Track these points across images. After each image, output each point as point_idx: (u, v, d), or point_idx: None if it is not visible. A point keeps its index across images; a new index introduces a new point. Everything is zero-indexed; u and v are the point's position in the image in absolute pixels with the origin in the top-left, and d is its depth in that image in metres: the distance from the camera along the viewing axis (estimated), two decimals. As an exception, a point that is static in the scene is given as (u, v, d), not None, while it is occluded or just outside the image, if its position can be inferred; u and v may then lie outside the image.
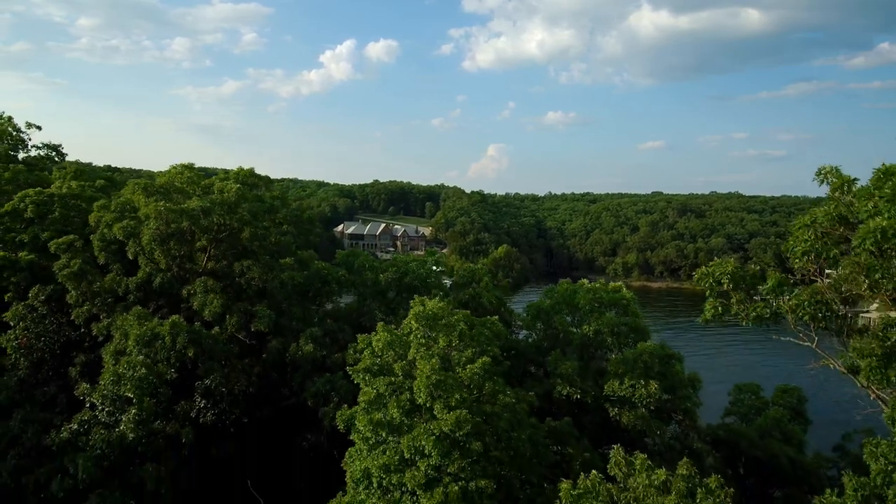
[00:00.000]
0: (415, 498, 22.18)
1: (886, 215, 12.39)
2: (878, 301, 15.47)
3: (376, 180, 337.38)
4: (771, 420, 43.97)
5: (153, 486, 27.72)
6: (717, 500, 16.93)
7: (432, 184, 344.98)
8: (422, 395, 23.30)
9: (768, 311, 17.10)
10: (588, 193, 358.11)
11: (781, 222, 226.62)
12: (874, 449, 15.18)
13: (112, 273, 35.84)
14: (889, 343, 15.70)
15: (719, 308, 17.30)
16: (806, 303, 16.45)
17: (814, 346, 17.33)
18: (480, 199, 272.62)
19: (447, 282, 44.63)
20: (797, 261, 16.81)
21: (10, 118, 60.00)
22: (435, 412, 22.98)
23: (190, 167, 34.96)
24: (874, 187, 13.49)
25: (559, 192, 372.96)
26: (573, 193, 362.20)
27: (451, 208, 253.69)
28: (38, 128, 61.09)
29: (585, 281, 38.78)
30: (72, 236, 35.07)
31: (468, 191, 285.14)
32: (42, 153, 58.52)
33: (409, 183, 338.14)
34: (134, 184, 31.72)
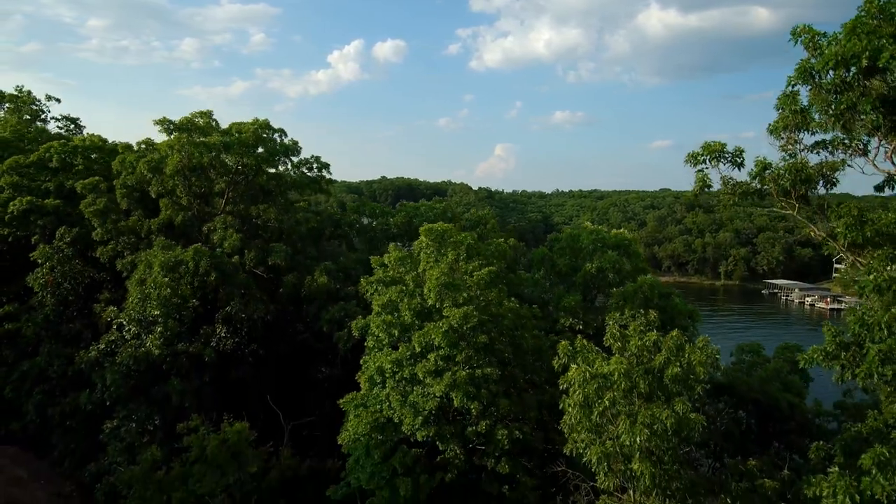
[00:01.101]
0: (425, 387, 23.62)
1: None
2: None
3: (383, 176, 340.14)
4: (771, 371, 44.96)
5: (178, 399, 29.27)
6: (706, 353, 18.30)
7: (439, 180, 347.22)
8: (431, 296, 24.77)
9: (754, 185, 18.47)
10: (595, 190, 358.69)
11: (789, 217, 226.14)
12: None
13: (135, 216, 37.54)
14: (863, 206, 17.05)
15: (707, 180, 18.68)
16: (786, 172, 17.83)
17: (794, 212, 18.68)
18: (487, 195, 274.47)
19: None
20: (779, 137, 18.19)
21: (29, 91, 62.08)
22: (444, 312, 24.40)
23: (208, 113, 36.60)
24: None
25: (566, 190, 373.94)
26: (580, 190, 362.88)
27: (458, 204, 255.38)
28: (58, 100, 63.18)
29: (588, 224, 40.07)
30: (97, 178, 36.79)
31: (475, 188, 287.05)
32: (61, 125, 60.45)
33: (416, 179, 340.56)
34: (154, 121, 33.46)
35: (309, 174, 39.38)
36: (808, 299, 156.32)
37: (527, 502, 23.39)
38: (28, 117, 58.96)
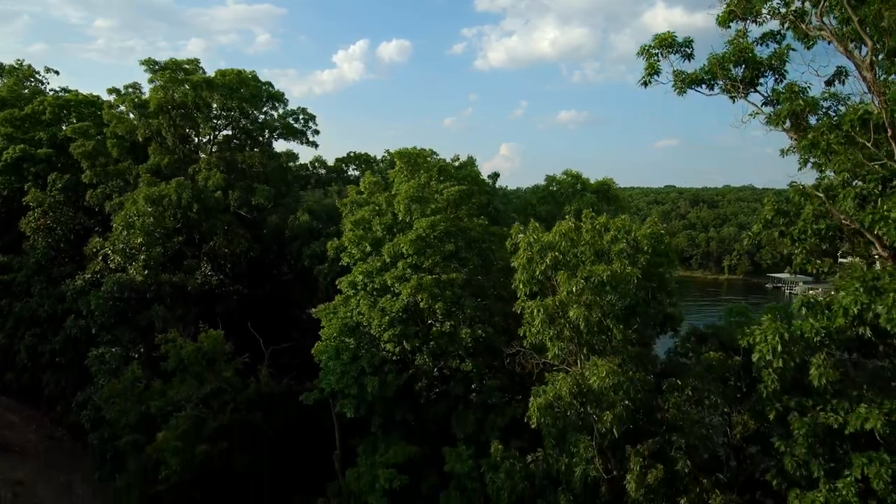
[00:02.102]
0: (394, 297, 24.27)
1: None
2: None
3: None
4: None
5: (161, 325, 30.02)
6: (654, 228, 18.92)
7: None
8: (401, 209, 25.48)
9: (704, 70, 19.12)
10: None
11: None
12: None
13: (124, 164, 38.39)
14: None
15: (656, 66, 19.28)
16: (732, 54, 18.48)
17: (744, 98, 19.26)
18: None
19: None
20: (727, 27, 18.89)
21: (29, 65, 63.22)
22: (413, 224, 25.05)
23: (195, 61, 37.34)
24: None
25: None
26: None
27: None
28: (56, 72, 64.26)
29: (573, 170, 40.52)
30: (87, 123, 37.72)
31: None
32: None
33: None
34: (140, 62, 34.27)
35: (295, 125, 40.16)
36: (811, 293, 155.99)
37: (492, 402, 23.97)
38: (27, 89, 60.19)
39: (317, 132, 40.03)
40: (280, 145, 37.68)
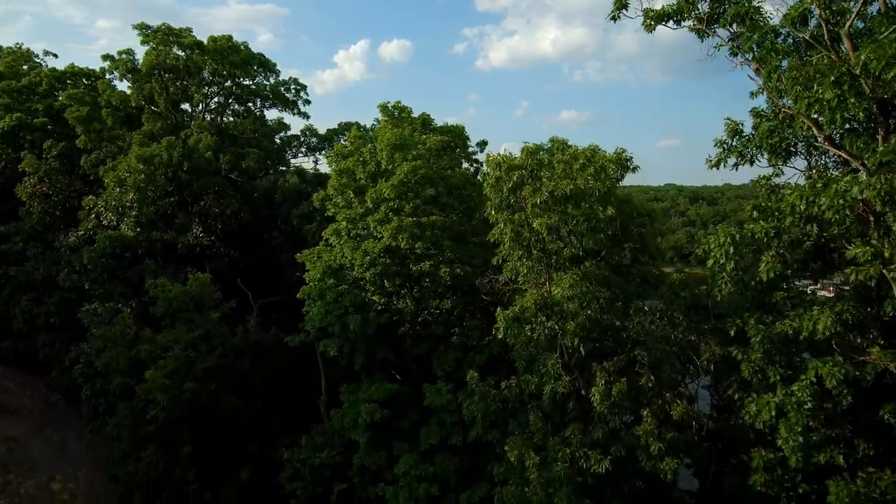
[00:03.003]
0: (376, 240, 24.97)
1: None
2: None
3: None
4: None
5: (151, 276, 30.66)
6: (617, 155, 19.62)
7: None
8: (383, 156, 26.19)
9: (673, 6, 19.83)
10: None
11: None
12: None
13: (118, 131, 39.14)
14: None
15: (624, 1, 19.99)
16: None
17: (711, 34, 19.96)
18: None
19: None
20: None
21: (28, 49, 64.08)
22: (395, 171, 25.77)
23: (188, 29, 37.96)
24: None
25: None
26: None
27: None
28: (55, 55, 65.16)
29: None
30: (82, 90, 38.48)
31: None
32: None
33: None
34: (133, 26, 34.92)
35: (287, 95, 40.87)
36: (811, 288, 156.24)
37: (472, 340, 24.64)
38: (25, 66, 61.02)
39: (308, 102, 40.78)
40: (272, 115, 38.83)
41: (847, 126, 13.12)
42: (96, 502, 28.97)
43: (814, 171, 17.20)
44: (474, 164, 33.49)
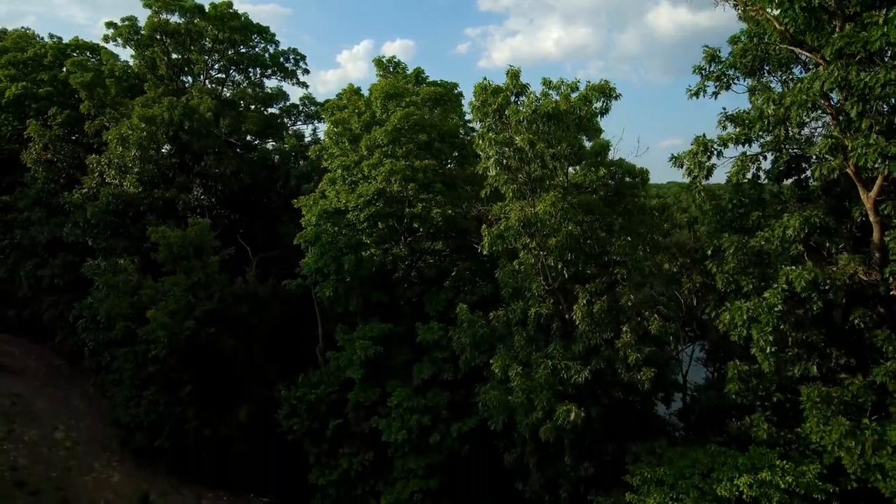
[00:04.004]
0: (369, 181, 25.74)
1: None
2: None
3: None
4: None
5: (154, 235, 31.33)
6: (600, 84, 20.29)
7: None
8: (377, 104, 26.96)
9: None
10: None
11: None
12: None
13: (121, 99, 39.97)
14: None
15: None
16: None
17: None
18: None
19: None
20: None
21: (34, 31, 64.98)
22: (389, 120, 26.52)
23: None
24: None
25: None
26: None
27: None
28: (59, 38, 66.03)
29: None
30: (86, 57, 39.34)
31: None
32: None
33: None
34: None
35: (287, 65, 41.69)
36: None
37: (463, 283, 25.37)
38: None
39: (307, 72, 41.58)
40: (272, 85, 39.71)
41: (805, 16, 13.68)
42: (98, 448, 29.69)
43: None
44: (466, 126, 34.13)
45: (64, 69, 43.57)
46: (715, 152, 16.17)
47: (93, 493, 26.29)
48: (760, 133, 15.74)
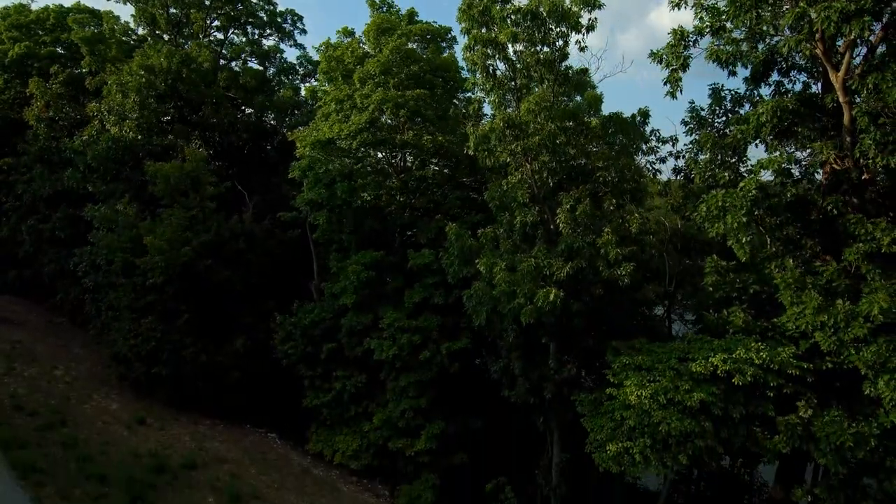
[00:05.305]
0: (361, 111, 26.25)
1: None
2: None
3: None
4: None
5: (153, 175, 31.82)
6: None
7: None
8: (370, 39, 27.54)
9: None
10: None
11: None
12: None
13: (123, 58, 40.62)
14: None
15: None
16: None
17: None
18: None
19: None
20: None
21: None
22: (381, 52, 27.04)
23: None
24: None
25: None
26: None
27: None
28: (61, 4, 66.70)
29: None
30: (87, 15, 40.06)
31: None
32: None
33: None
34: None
35: (284, 25, 42.33)
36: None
37: (454, 210, 25.92)
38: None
39: (304, 32, 42.21)
40: (269, 44, 40.25)
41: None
42: (97, 382, 30.26)
43: None
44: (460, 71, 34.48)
45: (65, 34, 44.37)
46: (691, 42, 16.67)
47: (91, 419, 26.85)
48: (735, 20, 16.14)
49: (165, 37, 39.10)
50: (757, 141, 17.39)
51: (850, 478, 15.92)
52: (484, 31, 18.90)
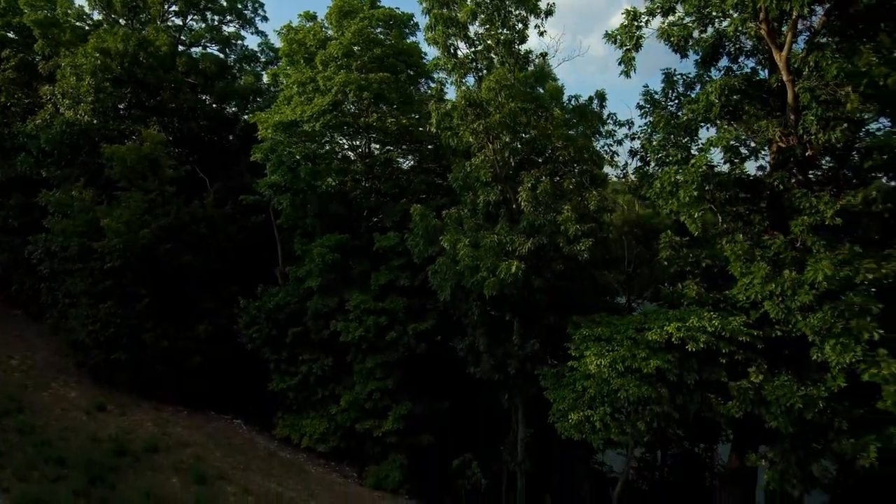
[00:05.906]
0: (324, 95, 26.21)
1: None
2: None
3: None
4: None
5: (109, 157, 31.02)
6: None
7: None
8: (332, 21, 27.47)
9: None
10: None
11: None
12: None
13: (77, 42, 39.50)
14: None
15: None
16: None
17: None
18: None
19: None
20: None
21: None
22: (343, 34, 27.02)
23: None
24: None
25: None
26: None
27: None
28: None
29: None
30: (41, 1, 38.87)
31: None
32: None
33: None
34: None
35: (245, 12, 41.77)
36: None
37: (419, 194, 26.14)
38: None
39: (265, 19, 41.78)
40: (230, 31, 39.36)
41: None
42: (55, 371, 29.55)
43: None
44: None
45: (17, 17, 42.89)
46: (643, 23, 17.22)
47: (49, 406, 26.24)
48: (684, 1, 16.75)
49: (122, 21, 38.20)
50: (707, 124, 18.05)
51: (801, 440, 16.71)
52: (445, 10, 19.14)
